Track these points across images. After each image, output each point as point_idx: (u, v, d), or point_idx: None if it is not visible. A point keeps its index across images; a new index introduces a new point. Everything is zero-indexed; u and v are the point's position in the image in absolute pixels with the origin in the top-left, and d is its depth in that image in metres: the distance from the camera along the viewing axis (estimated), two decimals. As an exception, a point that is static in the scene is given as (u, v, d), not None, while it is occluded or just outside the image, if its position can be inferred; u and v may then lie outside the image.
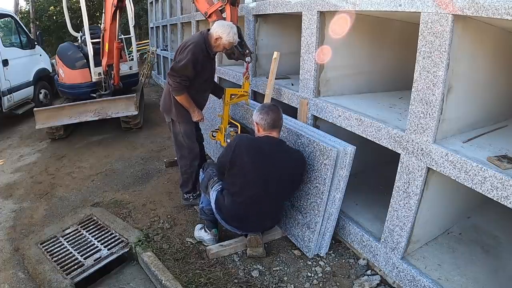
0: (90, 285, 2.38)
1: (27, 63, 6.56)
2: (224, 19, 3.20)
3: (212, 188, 2.48)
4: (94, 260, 2.48)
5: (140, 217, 3.04)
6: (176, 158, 3.28)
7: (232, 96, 3.18)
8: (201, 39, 2.68)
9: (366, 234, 2.41)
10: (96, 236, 2.76)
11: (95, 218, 3.00)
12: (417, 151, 1.96)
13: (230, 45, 2.77)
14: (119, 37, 5.34)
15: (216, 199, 2.41)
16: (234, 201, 2.33)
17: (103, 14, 5.06)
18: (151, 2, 11.23)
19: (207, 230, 2.62)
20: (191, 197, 3.11)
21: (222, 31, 2.66)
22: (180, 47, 2.73)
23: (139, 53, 10.19)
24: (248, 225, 2.44)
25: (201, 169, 2.77)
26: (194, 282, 2.26)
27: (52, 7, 17.96)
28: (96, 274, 2.42)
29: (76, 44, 5.93)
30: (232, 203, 2.33)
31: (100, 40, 5.13)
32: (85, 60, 5.38)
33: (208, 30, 2.75)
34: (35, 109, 4.84)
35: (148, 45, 12.36)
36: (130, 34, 6.53)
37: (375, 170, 3.22)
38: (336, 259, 2.50)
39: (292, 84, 3.35)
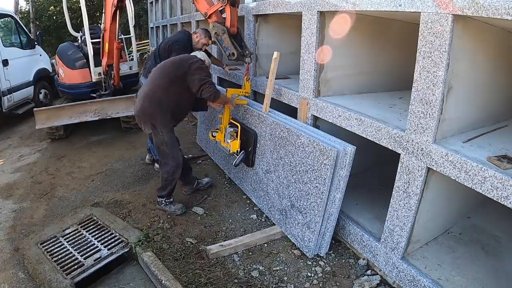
0: (90, 285, 2.38)
1: (27, 63, 6.55)
2: (224, 19, 3.20)
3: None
4: (94, 260, 2.49)
5: (140, 217, 3.04)
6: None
7: (233, 96, 3.18)
8: (193, 54, 3.01)
9: (366, 234, 2.41)
10: (96, 236, 2.76)
11: (95, 218, 3.01)
12: (417, 151, 1.96)
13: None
14: (119, 37, 5.33)
15: None
16: None
17: (103, 14, 5.06)
18: (151, 2, 11.24)
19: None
20: (163, 202, 3.08)
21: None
22: (182, 61, 2.90)
23: (139, 53, 10.17)
24: None
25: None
26: (194, 282, 2.26)
27: (52, 7, 17.98)
28: (96, 274, 2.42)
29: (76, 44, 5.92)
30: None
31: (100, 40, 5.13)
32: (85, 60, 5.37)
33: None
34: (35, 109, 4.82)
35: (148, 45, 12.37)
36: (130, 34, 6.52)
37: (375, 170, 3.22)
38: (336, 259, 2.50)
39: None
